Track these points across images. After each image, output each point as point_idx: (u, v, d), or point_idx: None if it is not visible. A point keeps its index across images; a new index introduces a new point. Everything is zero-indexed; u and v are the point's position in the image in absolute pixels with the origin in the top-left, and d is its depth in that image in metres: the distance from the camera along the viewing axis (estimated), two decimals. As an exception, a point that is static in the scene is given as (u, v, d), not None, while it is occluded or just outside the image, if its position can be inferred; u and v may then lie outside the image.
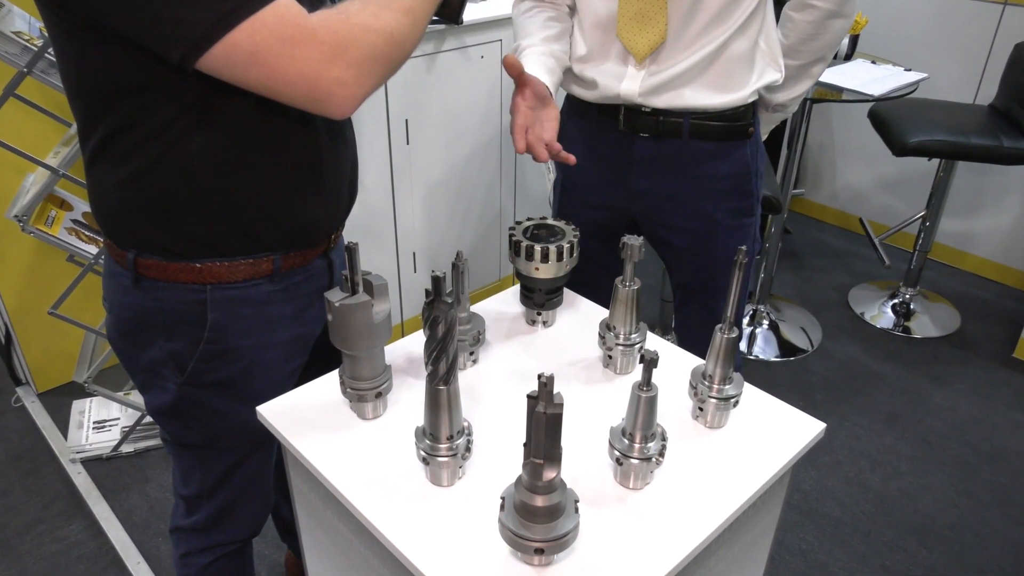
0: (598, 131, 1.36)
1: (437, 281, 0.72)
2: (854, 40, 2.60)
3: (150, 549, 1.82)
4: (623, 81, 1.27)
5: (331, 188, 1.02)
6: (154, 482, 2.03)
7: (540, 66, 1.23)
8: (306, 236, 1.02)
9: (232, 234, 0.95)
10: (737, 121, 1.31)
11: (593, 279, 1.35)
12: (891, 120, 2.49)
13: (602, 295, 1.09)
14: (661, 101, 1.27)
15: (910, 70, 2.49)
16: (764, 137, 1.49)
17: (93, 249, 1.90)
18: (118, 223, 0.96)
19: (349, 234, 1.10)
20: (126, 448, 2.11)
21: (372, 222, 2.27)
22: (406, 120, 2.21)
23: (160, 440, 1.87)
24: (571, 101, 1.42)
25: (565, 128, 1.47)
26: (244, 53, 0.79)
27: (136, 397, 2.13)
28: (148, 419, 2.10)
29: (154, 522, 1.90)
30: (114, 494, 1.98)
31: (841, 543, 1.87)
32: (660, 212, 1.38)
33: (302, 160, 0.96)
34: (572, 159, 1.14)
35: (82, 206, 2.01)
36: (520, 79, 1.14)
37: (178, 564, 1.24)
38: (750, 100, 1.29)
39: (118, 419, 2.21)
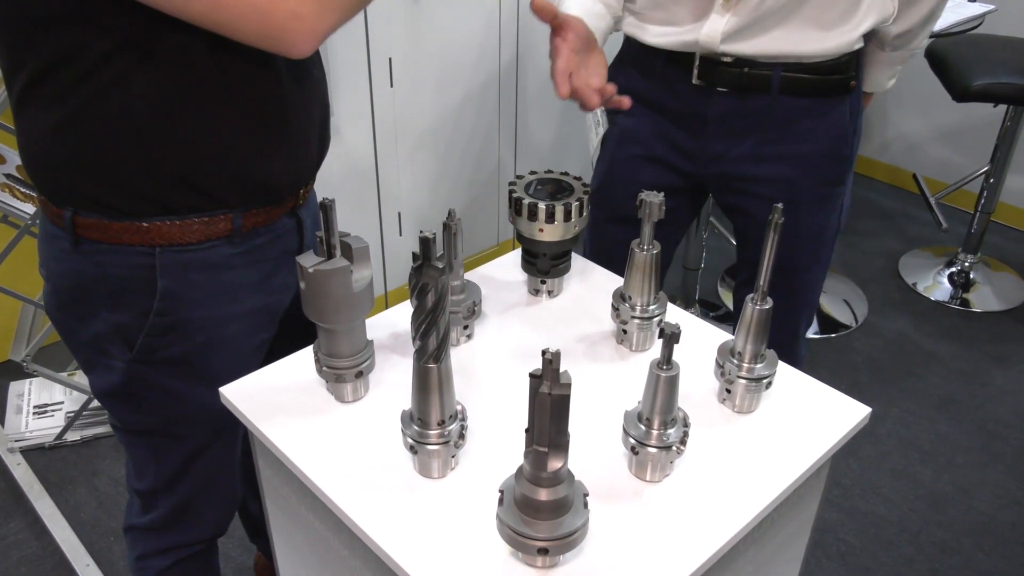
0: (665, 85, 1.31)
1: (426, 243, 0.71)
2: (911, -34, 2.56)
3: (101, 550, 1.84)
4: (705, 24, 1.21)
5: (297, 136, 1.01)
6: (104, 474, 2.04)
7: (584, 10, 1.18)
8: (269, 191, 1.01)
9: (182, 189, 0.94)
10: (837, 73, 1.25)
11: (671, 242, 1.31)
12: (952, 60, 2.46)
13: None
14: (747, 47, 1.21)
15: (974, 1, 2.46)
16: (889, 85, 1.41)
17: (30, 208, 1.89)
18: (52, 176, 0.95)
19: (324, 190, 1.10)
20: (71, 436, 2.13)
21: (351, 177, 2.26)
22: (389, 59, 2.19)
23: (110, 427, 1.88)
24: (629, 47, 1.36)
25: (617, 80, 1.42)
26: None
27: (82, 378, 2.14)
28: (97, 403, 2.11)
29: (105, 520, 1.92)
30: (59, 488, 2.00)
31: (886, 545, 1.89)
32: (737, 179, 1.34)
33: (262, 104, 0.95)
34: (627, 102, 1.09)
35: (16, 159, 2.00)
36: (556, 22, 1.09)
37: (133, 567, 1.25)
38: (856, 46, 1.23)
39: (62, 403, 2.22)
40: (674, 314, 1.04)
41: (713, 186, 1.37)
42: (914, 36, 1.32)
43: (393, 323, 1.04)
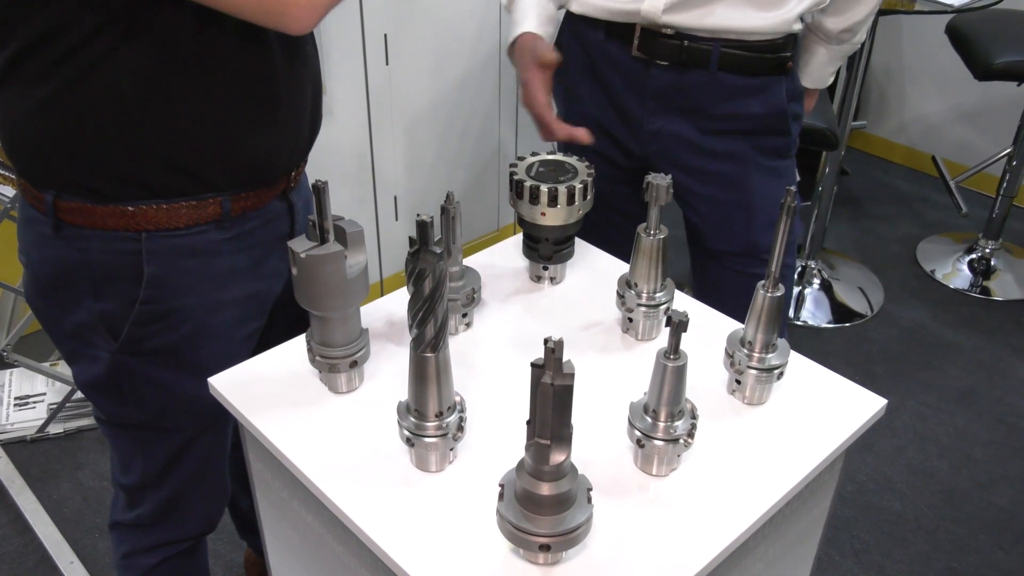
0: (604, 57, 1.34)
1: (423, 227, 0.71)
2: (931, -63, 2.55)
3: (85, 547, 1.85)
4: None
5: (288, 116, 1.01)
6: (88, 468, 2.05)
7: (538, 17, 1.27)
8: (259, 174, 1.01)
9: (169, 171, 0.94)
10: (774, 52, 1.29)
11: (613, 228, 1.34)
12: (973, 36, 2.45)
13: (621, 248, 1.09)
14: (688, 19, 1.24)
15: (998, -25, 2.45)
16: (830, 81, 1.47)
17: (10, 191, 1.89)
18: (33, 158, 0.95)
19: (317, 172, 1.09)
20: (54, 428, 2.13)
21: (344, 159, 2.25)
22: (385, 35, 2.18)
23: (94, 419, 1.89)
24: (571, 20, 1.39)
25: (562, 53, 1.44)
26: None
27: (65, 368, 2.14)
28: (80, 394, 2.11)
29: (89, 515, 1.93)
30: (41, 482, 2.00)
31: (902, 542, 1.89)
32: (679, 153, 1.36)
33: (252, 83, 0.95)
34: (587, 138, 1.20)
35: (-5, 139, 2.00)
36: (549, 64, 1.21)
37: (119, 565, 1.26)
38: (794, 28, 1.27)
39: (44, 394, 2.22)
40: (682, 301, 1.04)
41: (660, 164, 1.38)
42: (859, 29, 1.38)
43: (389, 311, 1.04)
